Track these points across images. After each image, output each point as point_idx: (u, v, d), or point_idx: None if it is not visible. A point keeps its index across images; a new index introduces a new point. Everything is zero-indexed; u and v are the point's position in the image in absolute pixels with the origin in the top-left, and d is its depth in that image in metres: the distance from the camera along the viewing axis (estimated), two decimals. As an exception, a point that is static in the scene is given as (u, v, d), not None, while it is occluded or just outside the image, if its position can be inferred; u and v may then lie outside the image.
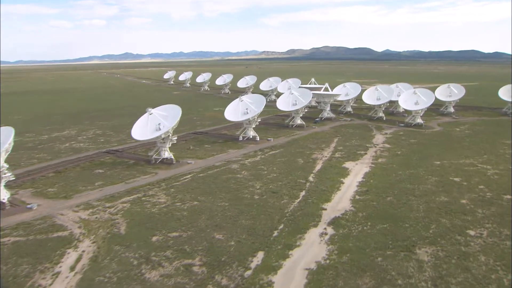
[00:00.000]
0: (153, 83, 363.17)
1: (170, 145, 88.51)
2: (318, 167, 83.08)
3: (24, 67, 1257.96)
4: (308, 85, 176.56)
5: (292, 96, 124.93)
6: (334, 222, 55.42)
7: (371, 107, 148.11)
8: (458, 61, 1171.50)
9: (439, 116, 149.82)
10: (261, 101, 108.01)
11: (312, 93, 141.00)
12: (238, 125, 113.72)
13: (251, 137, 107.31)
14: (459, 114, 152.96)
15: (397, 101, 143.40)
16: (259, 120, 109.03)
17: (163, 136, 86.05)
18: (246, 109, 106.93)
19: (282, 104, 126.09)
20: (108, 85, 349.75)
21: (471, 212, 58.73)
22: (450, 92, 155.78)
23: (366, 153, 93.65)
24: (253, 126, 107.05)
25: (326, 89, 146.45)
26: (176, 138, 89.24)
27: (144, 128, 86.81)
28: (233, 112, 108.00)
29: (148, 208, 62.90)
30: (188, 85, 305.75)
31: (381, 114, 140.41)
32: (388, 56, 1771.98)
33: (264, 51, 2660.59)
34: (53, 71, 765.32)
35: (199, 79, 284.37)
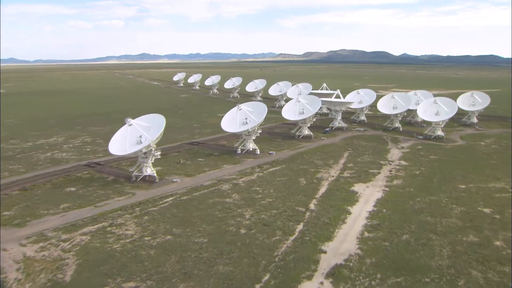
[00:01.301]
0: (163, 85, 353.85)
1: (153, 161, 77.09)
2: (322, 190, 71.21)
3: (42, 67, 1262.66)
4: (319, 91, 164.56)
5: (299, 104, 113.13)
6: (334, 273, 43.59)
7: (386, 116, 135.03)
8: (477, 65, 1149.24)
9: (461, 127, 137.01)
10: (262, 110, 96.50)
11: (322, 101, 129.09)
12: (239, 134, 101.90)
13: (250, 149, 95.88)
14: (483, 125, 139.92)
15: (416, 110, 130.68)
16: (260, 131, 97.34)
17: (144, 151, 74.77)
18: (245, 118, 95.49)
19: (288, 113, 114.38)
20: (116, 86, 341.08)
21: (509, 260, 46.31)
22: (474, 101, 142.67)
23: (379, 172, 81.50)
24: (253, 137, 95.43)
25: (337, 96, 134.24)
26: (159, 153, 77.83)
27: (123, 141, 75.42)
28: (231, 121, 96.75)
29: (110, 243, 51.66)
30: (197, 87, 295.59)
31: (397, 125, 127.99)
32: (406, 60, 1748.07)
33: (281, 54, 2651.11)
34: (69, 71, 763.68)
35: (208, 82, 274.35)
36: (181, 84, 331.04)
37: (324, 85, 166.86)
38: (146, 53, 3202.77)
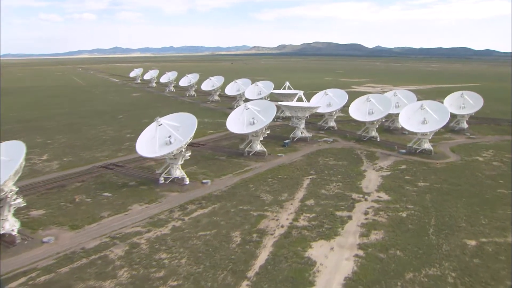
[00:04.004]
0: (120, 82, 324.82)
1: (11, 212, 50.79)
2: (262, 257, 46.25)
3: (5, 61, 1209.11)
4: (281, 91, 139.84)
5: (248, 112, 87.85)
6: None
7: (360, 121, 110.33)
8: (449, 58, 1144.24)
9: (449, 133, 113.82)
10: (191, 124, 71.29)
11: (281, 106, 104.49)
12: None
13: (178, 177, 70.39)
14: (474, 131, 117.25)
15: (397, 114, 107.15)
16: (189, 154, 71.70)
17: (-6, 198, 48.43)
18: (169, 136, 69.85)
19: (234, 123, 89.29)
20: (68, 84, 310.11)
21: None
22: (464, 102, 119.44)
23: (350, 217, 56.99)
24: (180, 162, 69.92)
25: (299, 99, 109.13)
26: (21, 200, 51.37)
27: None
28: (149, 141, 70.71)
29: None
30: (154, 84, 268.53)
31: (374, 134, 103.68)
32: (379, 53, 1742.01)
33: (254, 46, 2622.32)
34: (31, 66, 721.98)
35: (164, 79, 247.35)
36: (138, 81, 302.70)
37: (287, 83, 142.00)
38: (118, 47, 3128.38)
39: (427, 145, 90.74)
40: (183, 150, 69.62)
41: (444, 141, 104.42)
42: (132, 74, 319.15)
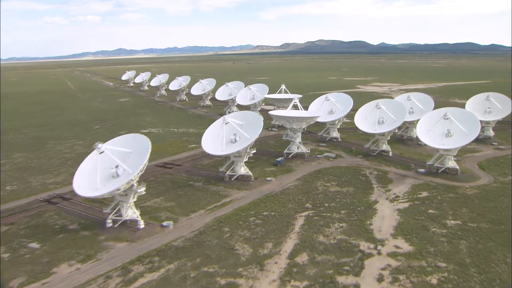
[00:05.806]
0: (113, 85, 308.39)
1: None
2: None
3: (6, 65, 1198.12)
4: (276, 95, 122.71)
5: (228, 127, 70.55)
6: None
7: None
8: (455, 54, 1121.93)
9: (474, 143, 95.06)
10: (143, 150, 53.72)
11: (273, 116, 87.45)
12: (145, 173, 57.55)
13: (130, 219, 53.18)
14: (501, 139, 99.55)
15: (411, 121, 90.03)
16: (143, 189, 54.34)
17: None
18: (116, 167, 52.51)
19: (212, 141, 72.01)
20: (58, 89, 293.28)
21: None
22: (490, 106, 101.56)
23: (358, 287, 39.15)
24: (133, 200, 52.70)
25: (295, 107, 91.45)
26: None
27: None
28: (91, 174, 53.43)
29: None
30: (146, 88, 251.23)
31: (385, 147, 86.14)
32: (384, 49, 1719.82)
33: (258, 45, 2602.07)
34: (30, 70, 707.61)
35: (154, 82, 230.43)
36: (131, 84, 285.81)
37: (283, 87, 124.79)
38: (122, 48, 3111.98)
39: (451, 163, 73.20)
40: (135, 184, 52.34)
41: (469, 154, 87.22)
42: (124, 77, 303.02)
